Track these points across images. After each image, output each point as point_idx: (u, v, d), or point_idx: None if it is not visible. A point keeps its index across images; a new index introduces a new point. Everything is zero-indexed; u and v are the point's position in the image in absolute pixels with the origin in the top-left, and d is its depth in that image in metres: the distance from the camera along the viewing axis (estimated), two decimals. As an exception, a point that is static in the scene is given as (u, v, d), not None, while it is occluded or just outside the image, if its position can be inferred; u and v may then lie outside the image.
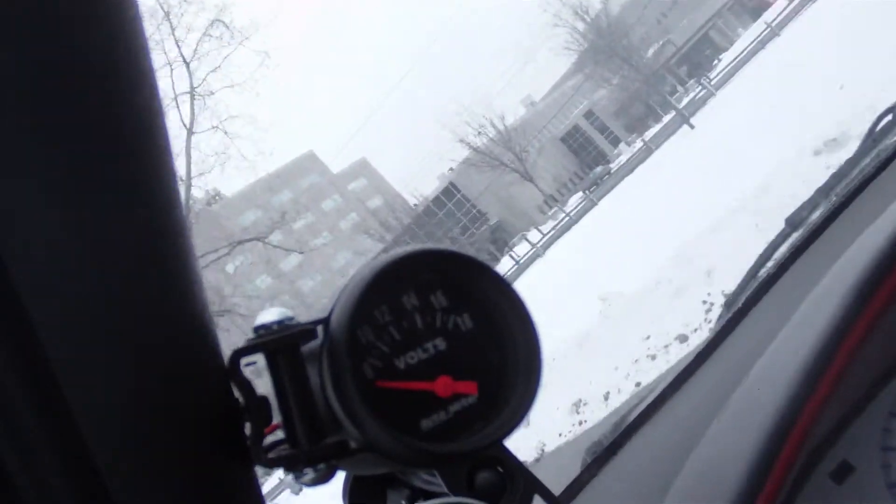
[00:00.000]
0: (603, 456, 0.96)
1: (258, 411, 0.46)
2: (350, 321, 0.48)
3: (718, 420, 0.78)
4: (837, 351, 0.68)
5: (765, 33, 20.59)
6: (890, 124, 1.27)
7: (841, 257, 0.79)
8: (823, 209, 1.08)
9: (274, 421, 0.48)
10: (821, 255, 0.97)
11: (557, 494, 0.55)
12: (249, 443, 0.46)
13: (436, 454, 0.49)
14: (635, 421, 0.98)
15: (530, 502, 0.54)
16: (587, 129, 42.63)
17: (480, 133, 38.61)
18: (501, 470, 0.53)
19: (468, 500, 0.51)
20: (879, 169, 1.02)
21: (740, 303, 1.03)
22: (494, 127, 38.61)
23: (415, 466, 0.54)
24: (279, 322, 0.49)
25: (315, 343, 0.49)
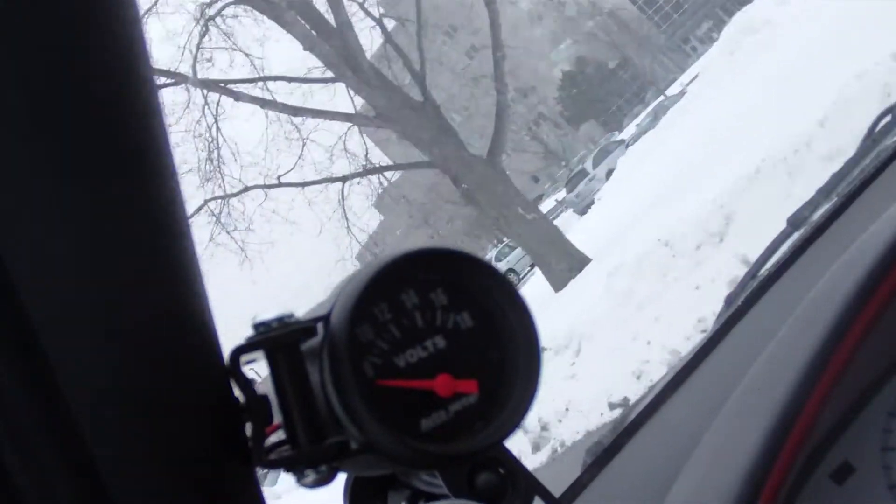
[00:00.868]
0: (603, 457, 0.96)
1: (258, 411, 0.46)
2: (350, 319, 0.48)
3: (718, 420, 0.78)
4: (837, 351, 0.68)
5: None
6: (890, 124, 1.27)
7: (841, 257, 0.79)
8: (824, 209, 1.08)
9: (275, 421, 0.48)
10: (821, 255, 0.97)
11: (558, 496, 0.55)
12: (250, 443, 0.46)
13: (436, 455, 0.49)
14: (635, 421, 0.98)
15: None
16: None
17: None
18: (502, 471, 0.53)
19: (469, 502, 0.51)
20: (880, 169, 1.02)
21: (740, 302, 1.03)
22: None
23: (415, 467, 0.54)
24: (279, 319, 0.49)
25: (315, 341, 0.49)
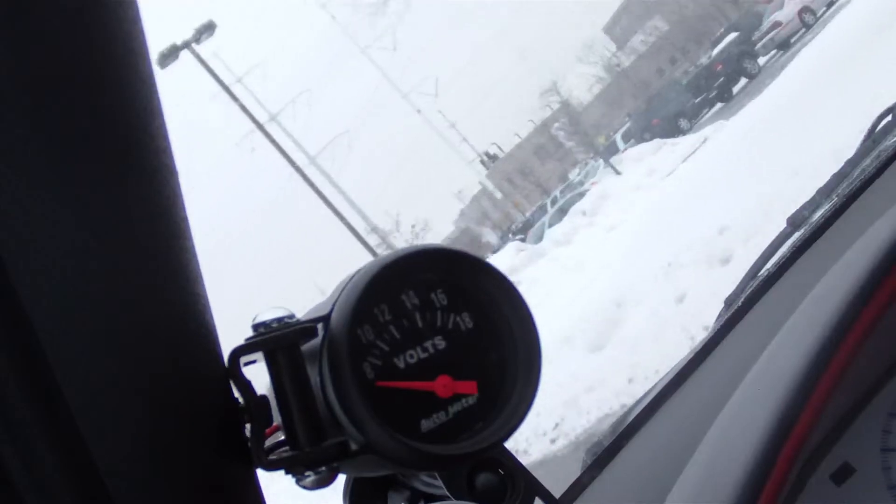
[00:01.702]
0: (603, 457, 0.96)
1: (258, 412, 0.46)
2: (350, 319, 0.48)
3: (718, 421, 0.78)
4: (837, 351, 0.68)
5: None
6: (890, 125, 1.27)
7: (841, 257, 0.79)
8: (824, 209, 1.08)
9: (274, 422, 0.48)
10: (821, 255, 0.97)
11: (558, 496, 0.55)
12: (250, 444, 0.46)
13: (436, 456, 0.49)
14: (635, 421, 0.98)
15: None
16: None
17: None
18: (502, 472, 0.53)
19: (468, 503, 0.51)
20: (880, 170, 1.02)
21: (740, 302, 1.03)
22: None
23: (415, 468, 0.54)
24: (279, 320, 0.48)
25: (315, 341, 0.49)
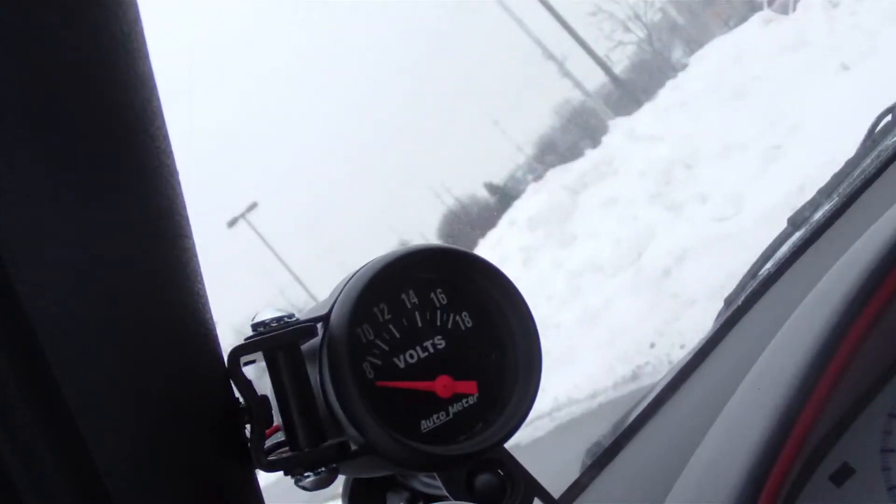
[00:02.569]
0: (603, 457, 0.96)
1: (258, 412, 0.46)
2: (350, 319, 0.48)
3: (718, 421, 0.78)
4: (837, 351, 0.68)
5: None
6: (890, 124, 1.27)
7: (841, 257, 0.79)
8: (825, 209, 1.08)
9: (275, 422, 0.48)
10: (821, 255, 0.97)
11: (557, 497, 0.55)
12: (250, 445, 0.46)
13: (436, 457, 0.49)
14: (635, 422, 0.97)
15: None
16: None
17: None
18: (501, 472, 0.53)
19: None
20: (880, 170, 1.02)
21: (740, 301, 1.03)
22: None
23: (415, 469, 0.54)
24: (278, 319, 0.48)
25: (315, 341, 0.49)
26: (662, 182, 7.84)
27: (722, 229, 6.15)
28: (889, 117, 1.27)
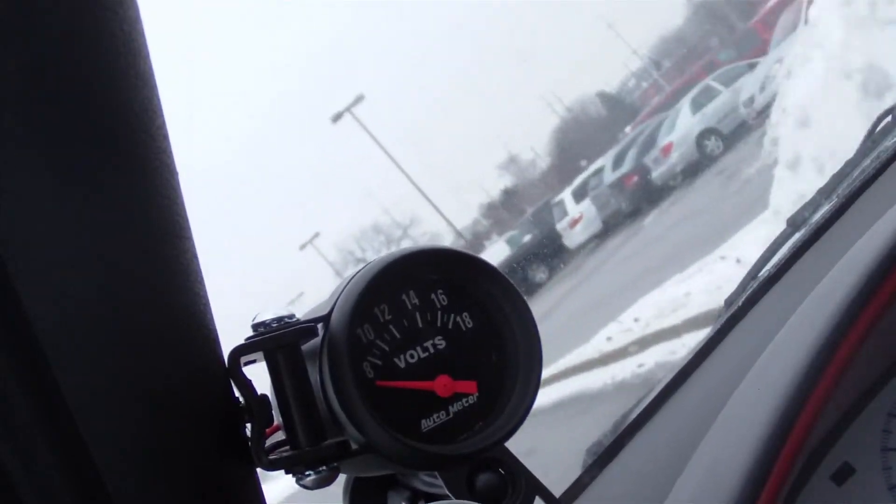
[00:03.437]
0: (604, 457, 0.96)
1: (259, 411, 0.46)
2: (350, 319, 0.48)
3: (718, 421, 0.78)
4: (837, 351, 0.68)
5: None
6: (890, 125, 1.27)
7: (842, 258, 0.79)
8: (825, 210, 1.08)
9: (275, 421, 0.48)
10: (821, 256, 0.97)
11: (558, 496, 0.55)
12: (250, 444, 0.46)
13: (436, 456, 0.49)
14: (635, 421, 0.98)
15: None
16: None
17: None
18: (502, 471, 0.53)
19: (469, 503, 0.51)
20: (880, 170, 1.02)
21: (740, 302, 1.03)
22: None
23: (415, 468, 0.54)
24: (279, 319, 0.48)
25: (315, 341, 0.49)
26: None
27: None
28: (889, 118, 1.27)
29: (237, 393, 0.47)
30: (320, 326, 0.49)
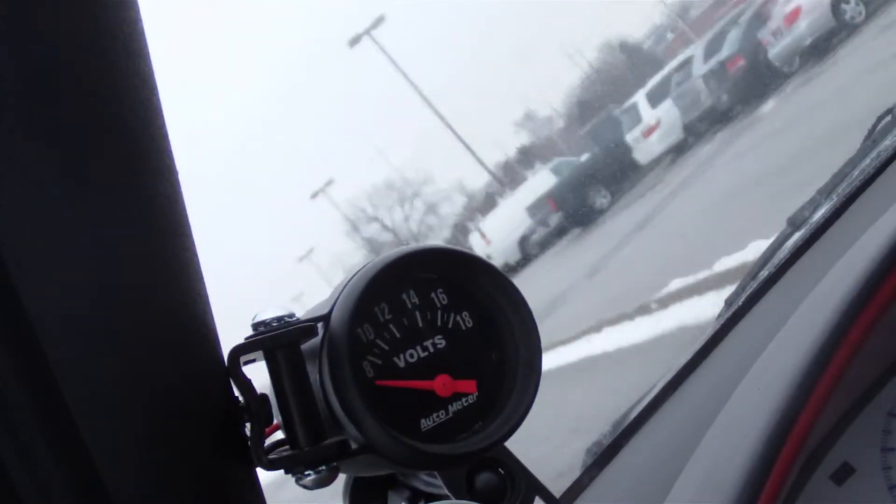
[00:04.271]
0: (603, 457, 0.96)
1: (258, 410, 0.46)
2: (350, 318, 0.48)
3: (718, 420, 0.78)
4: (837, 351, 0.68)
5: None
6: (890, 124, 1.27)
7: (842, 258, 0.79)
8: (825, 209, 1.08)
9: (275, 421, 0.48)
10: (821, 256, 0.97)
11: (558, 496, 0.55)
12: (250, 443, 0.46)
13: (436, 456, 0.49)
14: (635, 421, 0.98)
15: None
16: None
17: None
18: (502, 471, 0.53)
19: (469, 503, 0.51)
20: (880, 170, 1.02)
21: (741, 302, 1.03)
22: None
23: (415, 468, 0.54)
24: (278, 319, 0.48)
25: (315, 340, 0.49)
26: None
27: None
28: (889, 117, 1.27)
29: (237, 392, 0.47)
30: (320, 326, 0.49)
